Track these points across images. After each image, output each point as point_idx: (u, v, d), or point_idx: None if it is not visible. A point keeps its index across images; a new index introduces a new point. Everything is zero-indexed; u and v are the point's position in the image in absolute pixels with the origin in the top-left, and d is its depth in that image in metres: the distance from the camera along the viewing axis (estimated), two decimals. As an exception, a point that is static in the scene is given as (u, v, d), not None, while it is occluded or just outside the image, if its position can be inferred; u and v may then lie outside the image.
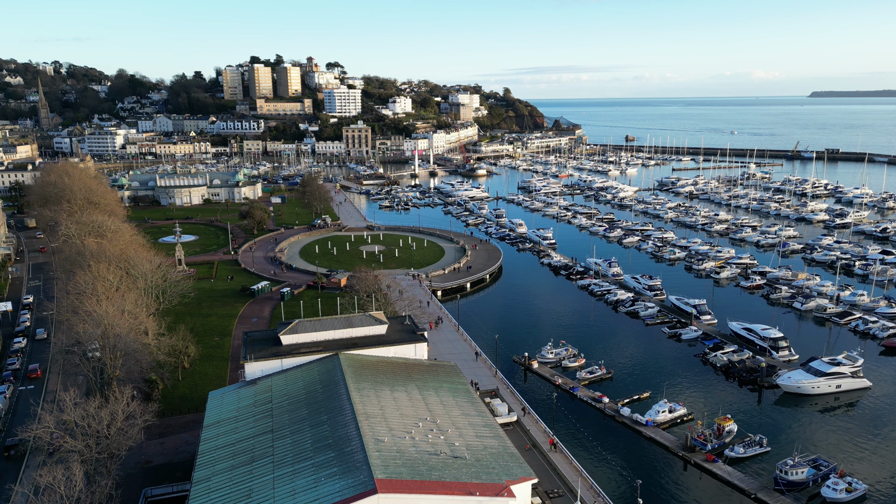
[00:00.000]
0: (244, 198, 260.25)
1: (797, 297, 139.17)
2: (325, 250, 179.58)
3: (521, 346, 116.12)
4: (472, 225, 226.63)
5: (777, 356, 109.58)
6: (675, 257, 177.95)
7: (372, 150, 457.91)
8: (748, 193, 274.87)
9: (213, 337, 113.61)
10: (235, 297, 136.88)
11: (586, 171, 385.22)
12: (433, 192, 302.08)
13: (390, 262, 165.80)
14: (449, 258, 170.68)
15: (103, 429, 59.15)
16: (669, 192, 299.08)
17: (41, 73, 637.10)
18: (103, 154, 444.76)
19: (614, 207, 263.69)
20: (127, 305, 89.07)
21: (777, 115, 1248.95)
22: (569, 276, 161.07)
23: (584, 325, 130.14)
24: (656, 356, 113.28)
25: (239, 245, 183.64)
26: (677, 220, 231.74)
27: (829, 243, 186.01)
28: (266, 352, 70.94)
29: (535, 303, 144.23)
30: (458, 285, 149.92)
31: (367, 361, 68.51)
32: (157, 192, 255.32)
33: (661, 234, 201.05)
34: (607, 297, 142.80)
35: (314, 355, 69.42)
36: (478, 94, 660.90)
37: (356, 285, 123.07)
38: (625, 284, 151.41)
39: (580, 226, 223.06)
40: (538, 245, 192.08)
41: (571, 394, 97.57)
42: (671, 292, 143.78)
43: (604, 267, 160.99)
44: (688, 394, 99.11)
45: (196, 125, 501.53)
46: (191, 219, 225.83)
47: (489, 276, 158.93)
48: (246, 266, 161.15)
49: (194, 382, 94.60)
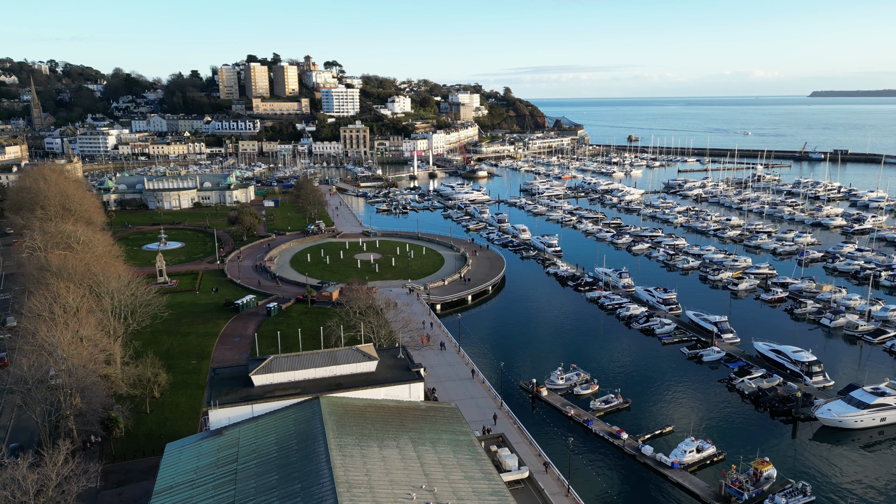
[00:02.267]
0: (235, 201, 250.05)
1: (824, 312, 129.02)
2: (318, 259, 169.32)
3: (528, 368, 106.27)
4: (472, 230, 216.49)
5: (810, 382, 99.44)
6: (688, 266, 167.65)
7: (370, 151, 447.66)
8: (759, 197, 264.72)
9: (189, 360, 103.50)
10: (218, 313, 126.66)
11: (590, 172, 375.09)
12: (432, 195, 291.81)
13: (386, 272, 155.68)
14: (449, 267, 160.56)
15: (29, 500, 48.95)
16: (677, 194, 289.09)
17: (36, 72, 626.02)
18: (95, 155, 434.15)
19: (620, 211, 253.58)
20: (86, 331, 78.89)
21: (780, 115, 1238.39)
22: (577, 287, 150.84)
23: (596, 343, 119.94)
24: (677, 381, 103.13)
25: (226, 253, 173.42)
26: (687, 224, 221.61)
27: (851, 251, 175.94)
28: (234, 395, 60.76)
29: (541, 318, 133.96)
30: (458, 298, 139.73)
31: (353, 407, 58.43)
32: (144, 196, 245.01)
33: (673, 241, 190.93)
34: (619, 311, 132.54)
35: (291, 399, 59.30)
36: (478, 93, 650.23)
37: (348, 300, 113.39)
38: (637, 297, 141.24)
39: (586, 231, 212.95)
40: (543, 252, 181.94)
41: (586, 427, 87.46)
42: (687, 306, 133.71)
43: (614, 278, 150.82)
44: (715, 427, 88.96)
45: (191, 125, 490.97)
46: (178, 224, 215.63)
47: (491, 287, 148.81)
48: (232, 277, 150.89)
49: (163, 416, 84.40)
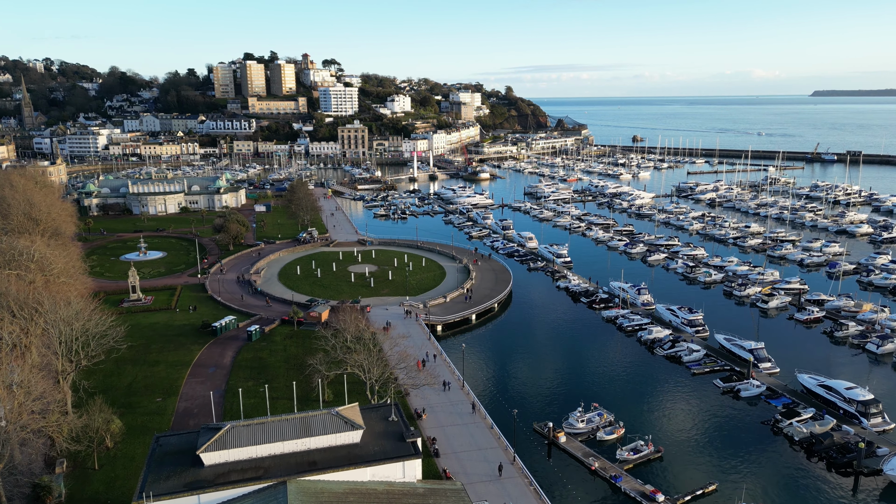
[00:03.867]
0: (225, 206, 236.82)
1: (869, 336, 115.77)
2: (309, 271, 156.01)
3: (542, 406, 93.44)
4: (475, 238, 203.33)
5: (868, 425, 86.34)
6: (710, 280, 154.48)
7: (369, 152, 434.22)
8: (777, 201, 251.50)
9: (154, 397, 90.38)
10: (194, 336, 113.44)
11: (596, 174, 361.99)
12: (433, 199, 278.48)
13: (382, 287, 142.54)
14: (450, 281, 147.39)
15: None
16: (688, 198, 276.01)
17: (31, 70, 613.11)
18: (85, 155, 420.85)
19: (631, 217, 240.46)
20: (19, 375, 65.86)
21: (784, 115, 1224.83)
22: (591, 304, 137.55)
23: (617, 374, 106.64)
24: (713, 423, 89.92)
25: (210, 264, 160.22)
26: (704, 232, 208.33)
27: (885, 263, 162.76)
28: (177, 480, 47.61)
29: (555, 342, 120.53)
30: (461, 318, 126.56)
31: (331, 494, 45.46)
32: (128, 200, 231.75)
33: (691, 251, 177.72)
34: (641, 334, 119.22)
35: (250, 485, 46.30)
36: (479, 92, 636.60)
37: (338, 324, 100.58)
38: (658, 317, 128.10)
39: (596, 239, 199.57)
40: (552, 263, 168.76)
41: (613, 484, 74.32)
42: (713, 327, 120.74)
43: (632, 294, 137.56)
44: (765, 483, 75.86)
45: (185, 125, 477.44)
46: (162, 231, 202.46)
47: (497, 304, 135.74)
48: (213, 293, 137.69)
49: (114, 474, 71.27)
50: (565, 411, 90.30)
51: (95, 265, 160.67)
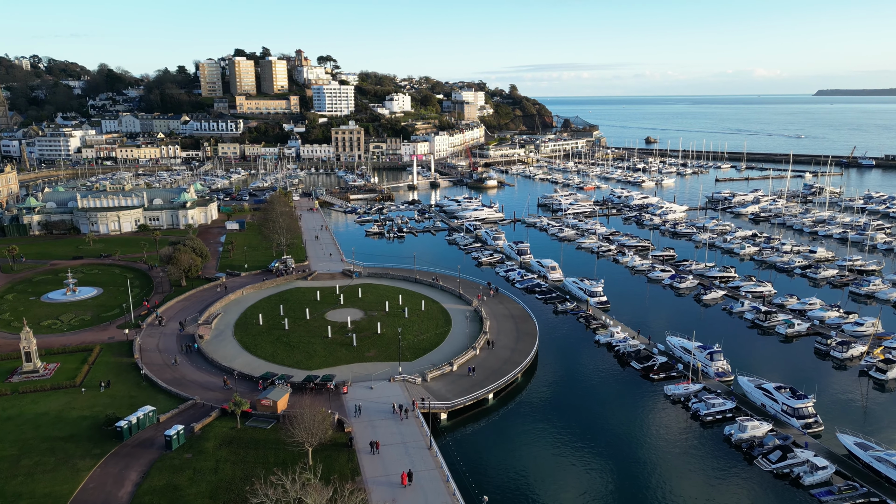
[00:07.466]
0: (189, 223, 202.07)
1: None
2: (275, 320, 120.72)
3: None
4: (485, 264, 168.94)
5: None
6: (792, 332, 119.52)
7: (364, 155, 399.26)
8: (835, 216, 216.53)
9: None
10: (89, 441, 78.56)
11: (615, 181, 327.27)
12: (434, 212, 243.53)
13: (368, 347, 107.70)
14: (457, 335, 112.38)
15: None
16: (726, 211, 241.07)
17: (16, 67, 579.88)
18: (55, 159, 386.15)
19: (664, 234, 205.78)
20: None
21: (793, 114, 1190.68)
22: (646, 373, 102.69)
23: (706, 497, 71.77)
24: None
25: (149, 310, 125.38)
26: (760, 258, 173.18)
27: None
28: None
29: (607, 443, 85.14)
30: (474, 400, 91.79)
31: None
32: (76, 217, 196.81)
33: (754, 286, 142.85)
34: (729, 430, 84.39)
35: None
36: (482, 91, 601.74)
37: (301, 418, 66.80)
38: (747, 398, 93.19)
39: (633, 268, 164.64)
40: (585, 306, 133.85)
41: None
42: (824, 413, 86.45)
43: (703, 361, 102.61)
44: None
45: (166, 125, 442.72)
46: (108, 257, 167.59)
47: (520, 374, 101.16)
48: (138, 358, 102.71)
49: None
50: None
51: (6, 311, 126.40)
